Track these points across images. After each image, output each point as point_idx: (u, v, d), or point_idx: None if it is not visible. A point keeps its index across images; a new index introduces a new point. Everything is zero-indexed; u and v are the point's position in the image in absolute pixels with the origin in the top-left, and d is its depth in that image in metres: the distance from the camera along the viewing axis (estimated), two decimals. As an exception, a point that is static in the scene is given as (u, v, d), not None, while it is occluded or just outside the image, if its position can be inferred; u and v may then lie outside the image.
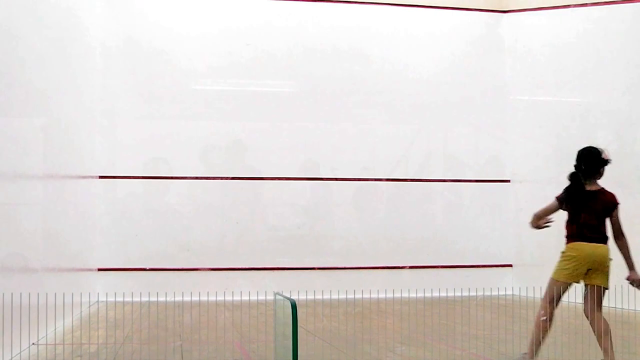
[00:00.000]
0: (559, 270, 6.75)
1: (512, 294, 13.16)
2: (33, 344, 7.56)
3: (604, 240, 6.63)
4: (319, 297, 10.74)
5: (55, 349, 7.49)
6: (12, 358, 6.83)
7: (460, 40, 13.73)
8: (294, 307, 5.61)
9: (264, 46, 13.02)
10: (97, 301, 11.76)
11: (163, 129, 12.66)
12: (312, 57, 13.19)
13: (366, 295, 12.04)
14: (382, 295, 11.83)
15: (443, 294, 12.21)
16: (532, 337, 6.68)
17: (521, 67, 13.46)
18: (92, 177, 12.02)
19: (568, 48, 12.74)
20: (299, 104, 13.17)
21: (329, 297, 11.02)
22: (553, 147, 12.97)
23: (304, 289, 11.61)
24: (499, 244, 13.42)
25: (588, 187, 6.73)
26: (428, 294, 12.22)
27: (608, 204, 6.67)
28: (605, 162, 6.64)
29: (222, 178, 12.75)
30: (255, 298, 11.65)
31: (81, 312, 10.47)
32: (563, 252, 6.82)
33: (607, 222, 6.74)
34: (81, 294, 9.64)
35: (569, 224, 6.87)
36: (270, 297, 6.93)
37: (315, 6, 13.27)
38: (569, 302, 9.51)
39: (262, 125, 12.95)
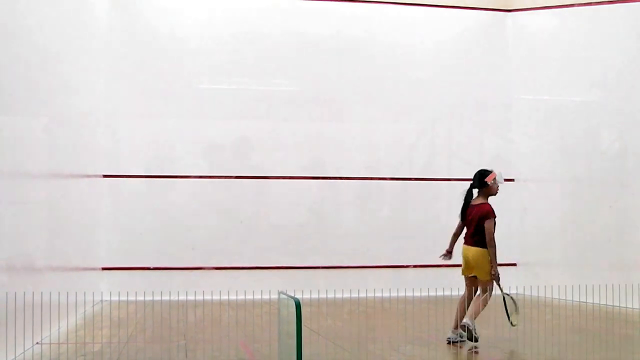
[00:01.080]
0: None
1: (516, 293, 13.13)
2: (37, 343, 7.56)
3: (475, 244, 8.02)
4: (323, 296, 10.73)
5: (59, 348, 7.50)
6: (16, 357, 6.83)
7: (464, 39, 13.70)
8: (298, 306, 5.60)
9: (269, 45, 13.01)
10: (101, 300, 11.77)
11: (167, 128, 12.66)
12: (316, 57, 13.17)
13: (370, 295, 12.02)
14: (386, 295, 11.81)
15: (448, 293, 12.20)
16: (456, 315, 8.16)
17: (525, 66, 13.43)
18: (96, 176, 12.03)
19: (572, 47, 12.71)
20: (304, 103, 13.16)
21: (333, 296, 11.01)
22: (557, 146, 12.94)
23: (308, 288, 11.64)
24: (503, 242, 13.33)
25: (472, 202, 8.13)
26: (432, 293, 12.20)
27: (481, 215, 7.94)
28: (485, 183, 8.07)
29: (226, 177, 12.75)
30: (259, 297, 11.64)
31: (85, 311, 10.48)
32: None
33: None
34: (85, 293, 9.63)
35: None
36: (275, 296, 6.92)
37: (321, 5, 13.25)
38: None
39: (266, 124, 12.94)
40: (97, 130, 12.00)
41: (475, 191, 8.13)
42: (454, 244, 8.44)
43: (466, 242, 8.14)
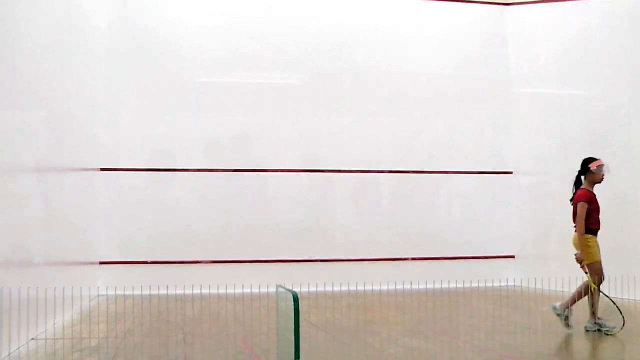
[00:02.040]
0: None
1: (514, 285, 13.13)
2: (32, 339, 7.52)
3: (575, 228, 8.27)
4: (322, 289, 10.71)
5: (55, 344, 7.46)
6: (10, 353, 6.79)
7: (464, 33, 13.66)
8: (296, 299, 5.56)
9: (269, 39, 12.96)
10: (98, 295, 11.74)
11: (167, 122, 12.61)
12: (315, 51, 13.13)
13: (369, 288, 12.00)
14: (385, 288, 11.81)
15: (446, 286, 12.18)
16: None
17: (524, 60, 13.39)
18: (94, 169, 11.98)
19: (571, 41, 12.67)
20: (303, 97, 13.12)
21: (332, 289, 10.99)
22: (555, 140, 12.92)
23: (307, 281, 11.60)
24: (502, 235, 13.38)
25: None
26: (431, 286, 12.18)
27: (576, 199, 8.26)
28: (588, 169, 8.30)
29: (226, 170, 12.72)
30: (258, 291, 11.63)
31: (82, 306, 10.45)
32: None
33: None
34: (81, 288, 9.60)
35: None
36: (273, 289, 6.88)
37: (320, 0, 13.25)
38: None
39: (266, 118, 12.90)
40: (95, 124, 11.95)
41: (583, 179, 8.42)
42: None
43: None
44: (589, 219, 8.16)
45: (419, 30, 13.52)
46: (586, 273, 8.17)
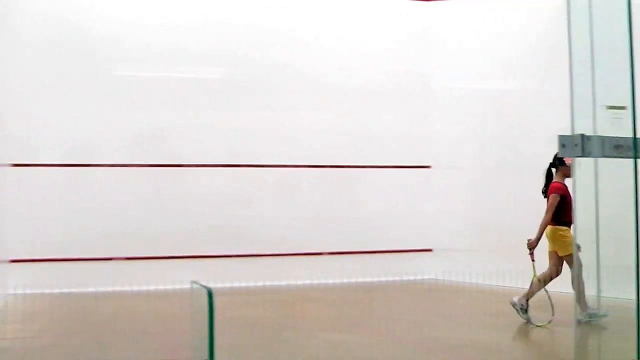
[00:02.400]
0: None
1: (432, 278, 13.32)
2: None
3: (551, 221, 8.57)
4: (242, 284, 10.67)
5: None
6: None
7: (386, 27, 13.73)
8: (210, 295, 5.51)
9: (188, 33, 12.70)
10: (7, 294, 11.33)
11: (83, 116, 12.23)
12: (236, 45, 12.96)
13: (287, 283, 11.99)
14: (303, 282, 11.83)
15: (363, 280, 12.29)
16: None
17: (446, 55, 13.55)
18: (5, 165, 11.58)
19: (492, 37, 12.86)
20: (224, 91, 12.95)
21: (249, 284, 10.95)
22: (474, 134, 13.13)
23: (225, 277, 11.52)
24: (420, 229, 13.53)
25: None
26: (349, 280, 12.28)
27: (550, 191, 8.61)
28: (563, 162, 8.55)
29: (142, 166, 12.45)
30: (174, 287, 11.45)
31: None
32: None
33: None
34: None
35: None
36: (189, 286, 6.79)
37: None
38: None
39: (186, 112, 12.67)
40: (5, 118, 11.55)
41: (554, 171, 8.72)
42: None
43: None
44: (563, 211, 8.39)
45: (342, 24, 13.52)
46: (533, 261, 8.42)
